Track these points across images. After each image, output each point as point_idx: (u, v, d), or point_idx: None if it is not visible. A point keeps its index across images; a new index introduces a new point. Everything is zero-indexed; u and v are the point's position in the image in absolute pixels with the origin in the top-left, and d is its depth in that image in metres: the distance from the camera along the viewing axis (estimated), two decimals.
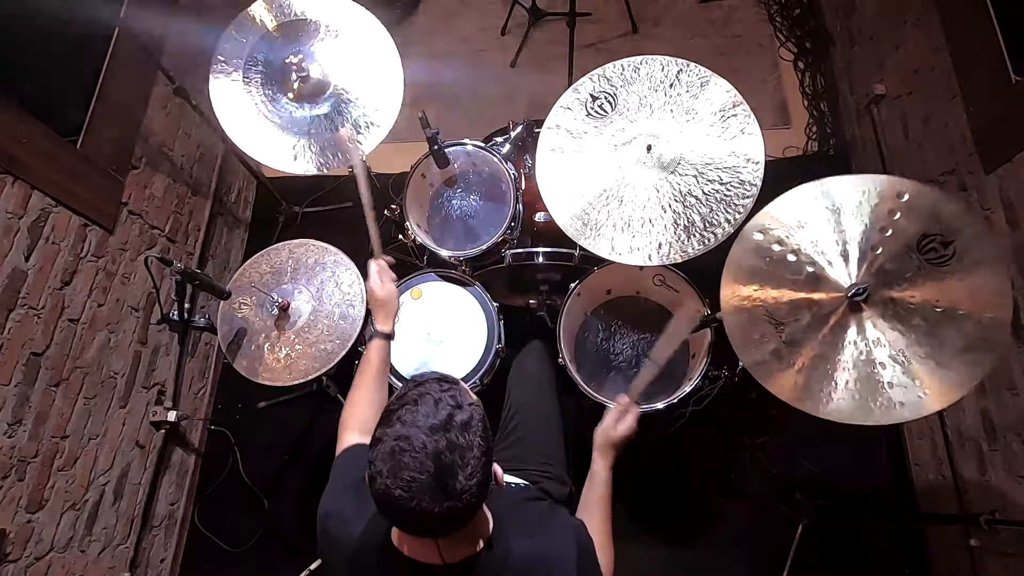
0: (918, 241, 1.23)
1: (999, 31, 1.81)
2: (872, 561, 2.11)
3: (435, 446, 0.82)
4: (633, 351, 1.89)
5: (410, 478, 0.81)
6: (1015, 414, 1.75)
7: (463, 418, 0.85)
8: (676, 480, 2.23)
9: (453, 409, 0.85)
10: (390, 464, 0.82)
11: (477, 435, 0.85)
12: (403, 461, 0.81)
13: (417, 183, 1.95)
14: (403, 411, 0.85)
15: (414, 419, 0.84)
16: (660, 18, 3.12)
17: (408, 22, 3.24)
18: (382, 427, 0.86)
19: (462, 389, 0.90)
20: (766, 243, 1.33)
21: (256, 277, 1.78)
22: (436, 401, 0.85)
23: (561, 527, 1.07)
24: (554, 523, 1.09)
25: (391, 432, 0.84)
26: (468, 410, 0.86)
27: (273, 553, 2.24)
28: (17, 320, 1.64)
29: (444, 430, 0.83)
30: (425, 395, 0.86)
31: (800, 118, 2.88)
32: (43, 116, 1.76)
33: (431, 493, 0.81)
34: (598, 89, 1.60)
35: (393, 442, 0.83)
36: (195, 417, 2.40)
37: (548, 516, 1.10)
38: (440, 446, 0.82)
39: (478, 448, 0.84)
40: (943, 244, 1.21)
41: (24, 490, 1.66)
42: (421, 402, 0.86)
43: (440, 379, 0.90)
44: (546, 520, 1.09)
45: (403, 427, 0.83)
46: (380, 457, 0.83)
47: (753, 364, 1.30)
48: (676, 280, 1.82)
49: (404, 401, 0.87)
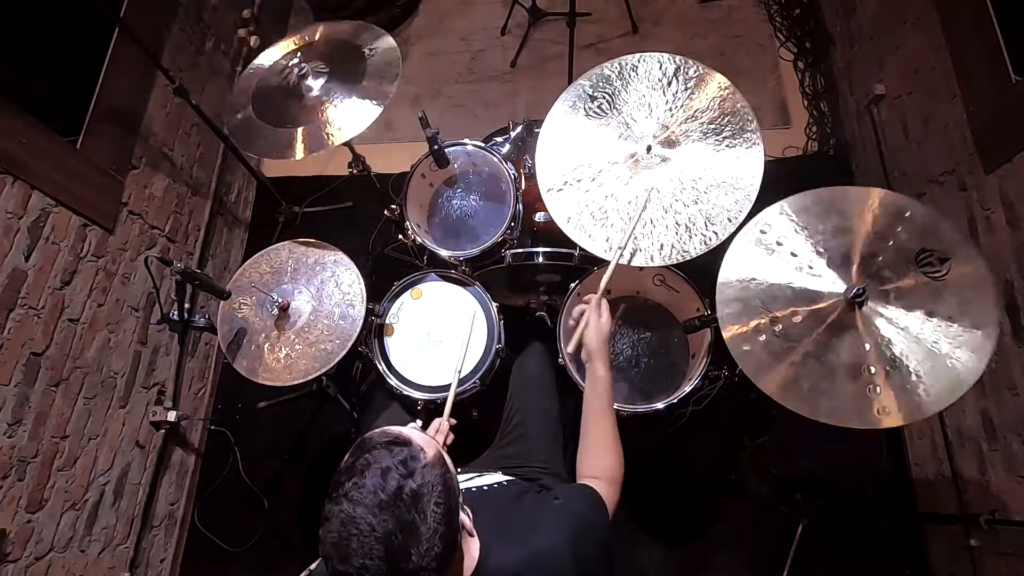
0: (916, 254, 1.29)
1: (999, 31, 1.81)
2: (872, 561, 2.11)
3: (384, 527, 0.77)
4: (633, 351, 1.89)
5: (360, 565, 0.77)
6: (1015, 414, 1.75)
7: (413, 487, 0.80)
8: (676, 480, 2.23)
9: (402, 479, 0.80)
10: (339, 551, 0.78)
11: (431, 503, 0.80)
12: (351, 547, 0.77)
13: (417, 183, 1.95)
14: (349, 485, 0.81)
15: (361, 496, 0.79)
16: (660, 18, 3.12)
17: (408, 22, 3.24)
18: (329, 502, 0.81)
19: (415, 450, 0.85)
20: (768, 239, 1.36)
21: (256, 277, 1.77)
22: (384, 471, 0.81)
23: (551, 518, 1.06)
24: (543, 515, 1.07)
25: (337, 511, 0.80)
26: (420, 475, 0.81)
27: (273, 553, 2.24)
28: (17, 320, 1.64)
29: (392, 507, 0.78)
30: (372, 464, 0.82)
31: (800, 118, 2.88)
32: (43, 116, 1.76)
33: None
34: (598, 89, 1.60)
35: (339, 526, 0.79)
36: (195, 417, 2.40)
37: (537, 510, 1.08)
38: (389, 527, 0.77)
39: (433, 518, 0.80)
40: (940, 260, 1.27)
41: (24, 490, 1.66)
42: (368, 473, 0.81)
43: (390, 442, 0.85)
44: (534, 515, 1.07)
45: (350, 505, 0.79)
46: (329, 540, 0.79)
47: (742, 352, 1.32)
48: (676, 280, 1.82)
49: (351, 472, 0.82)
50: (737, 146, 1.50)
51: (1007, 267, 1.77)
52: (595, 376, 1.29)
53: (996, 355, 1.78)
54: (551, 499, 1.12)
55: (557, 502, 1.09)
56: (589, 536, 1.04)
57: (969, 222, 1.94)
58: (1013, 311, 1.75)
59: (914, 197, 2.22)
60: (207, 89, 2.57)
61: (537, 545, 1.00)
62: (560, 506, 1.08)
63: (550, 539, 1.00)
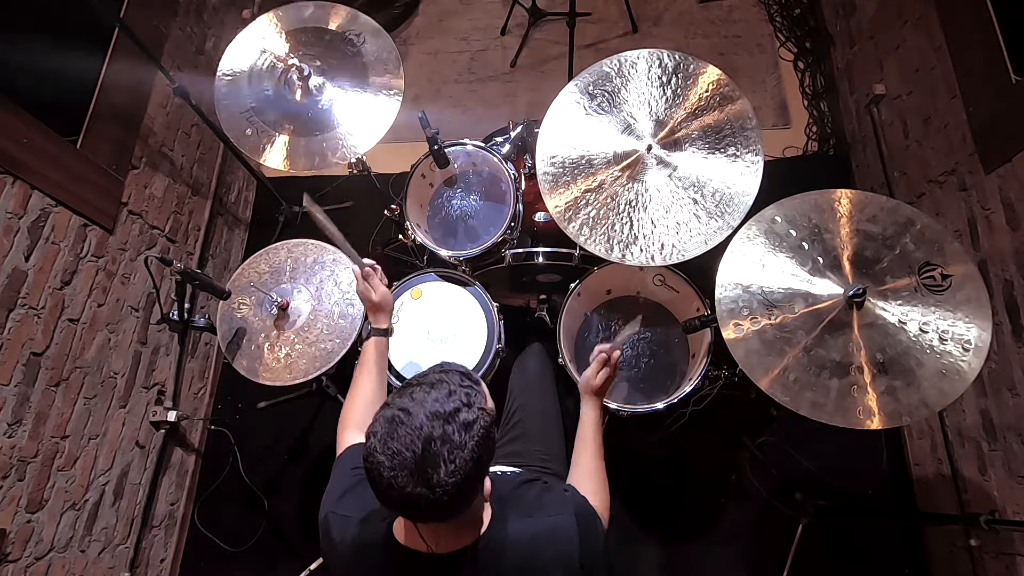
0: (920, 266, 1.32)
1: (999, 31, 1.81)
2: (872, 561, 2.11)
3: (429, 431, 0.83)
4: (633, 351, 1.89)
5: (395, 450, 0.82)
6: (1015, 414, 1.75)
7: (468, 417, 0.85)
8: (676, 480, 2.23)
9: (462, 405, 0.86)
10: (385, 429, 0.84)
11: (475, 439, 0.85)
12: (396, 432, 0.83)
13: (417, 183, 1.95)
14: (417, 388, 0.87)
15: (423, 399, 0.85)
16: (660, 18, 3.13)
17: (408, 22, 3.24)
18: (395, 396, 0.88)
19: (481, 392, 0.91)
20: (779, 230, 1.39)
21: (255, 277, 1.78)
22: (450, 392, 0.87)
23: (558, 499, 1.09)
24: (551, 498, 1.10)
25: (398, 402, 0.86)
26: (475, 412, 0.86)
27: (273, 553, 2.24)
28: (17, 320, 1.64)
29: (445, 420, 0.84)
30: (443, 382, 0.88)
31: (800, 118, 2.88)
32: (43, 116, 1.76)
33: (409, 473, 0.82)
34: (598, 87, 1.61)
35: (396, 411, 0.85)
36: (195, 417, 2.40)
37: (545, 492, 1.11)
38: (434, 433, 0.83)
39: (470, 451, 0.84)
40: (942, 276, 1.31)
41: (24, 490, 1.66)
42: (437, 386, 0.87)
43: (464, 374, 0.92)
44: (544, 496, 1.10)
45: (411, 402, 0.85)
46: (380, 420, 0.86)
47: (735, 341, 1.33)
48: (676, 280, 1.82)
49: (423, 380, 0.89)
50: (736, 145, 1.51)
51: (1007, 267, 1.77)
52: (586, 414, 1.31)
53: (996, 355, 1.79)
54: (559, 487, 1.14)
55: (565, 494, 1.11)
56: (592, 532, 1.06)
57: (969, 222, 1.94)
58: (1013, 311, 1.75)
59: (914, 197, 2.24)
60: (207, 89, 2.56)
61: (547, 520, 1.03)
62: (569, 497, 1.10)
63: (560, 518, 1.03)
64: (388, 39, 1.82)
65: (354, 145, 1.76)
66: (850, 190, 1.40)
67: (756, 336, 1.32)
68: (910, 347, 1.28)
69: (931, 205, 2.14)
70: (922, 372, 1.27)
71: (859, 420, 1.26)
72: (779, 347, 1.31)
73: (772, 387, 1.29)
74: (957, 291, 1.29)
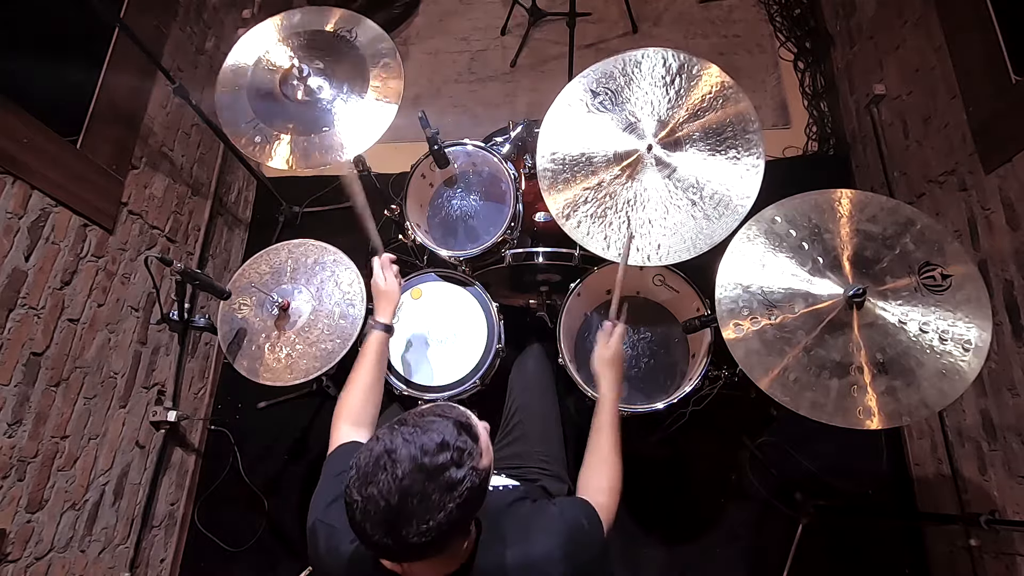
0: (920, 266, 1.32)
1: (999, 31, 1.81)
2: (872, 561, 2.11)
3: (409, 484, 0.79)
4: (633, 351, 1.89)
5: (370, 495, 0.80)
6: (1015, 414, 1.75)
7: (454, 477, 0.81)
8: (676, 480, 2.23)
9: (450, 463, 0.81)
10: (367, 468, 0.81)
11: (456, 500, 0.81)
12: (377, 476, 0.80)
13: (417, 183, 1.95)
14: (412, 428, 0.83)
15: (413, 443, 0.81)
16: (660, 18, 3.13)
17: (408, 22, 3.24)
18: (388, 429, 0.85)
19: (477, 449, 0.85)
20: (779, 230, 1.39)
21: (256, 277, 1.77)
22: (442, 444, 0.82)
23: (547, 523, 1.05)
24: (538, 522, 1.06)
25: (387, 439, 0.83)
26: (464, 471, 0.82)
27: (273, 553, 2.24)
28: (17, 320, 1.64)
29: (428, 476, 0.80)
30: (439, 430, 0.83)
31: (800, 118, 2.88)
32: (43, 116, 1.76)
33: (379, 522, 0.80)
34: (599, 85, 1.60)
35: (383, 450, 0.82)
36: (195, 417, 2.40)
37: (533, 516, 1.08)
38: (414, 488, 0.79)
39: (447, 513, 0.80)
40: (942, 276, 1.30)
41: (24, 490, 1.66)
42: (430, 433, 0.83)
43: (464, 425, 0.86)
44: (532, 520, 1.07)
45: (401, 443, 0.82)
46: (366, 454, 0.83)
47: (735, 341, 1.33)
48: (676, 280, 1.82)
49: (419, 421, 0.85)
50: (737, 148, 1.50)
51: (1007, 267, 1.77)
52: (603, 395, 1.32)
53: (996, 355, 1.79)
54: (548, 507, 1.12)
55: (554, 509, 1.09)
56: (584, 547, 1.04)
57: (969, 222, 1.94)
58: (1013, 311, 1.75)
59: (914, 197, 2.24)
60: (207, 89, 2.56)
61: (530, 551, 1.00)
62: (557, 515, 1.07)
63: (543, 546, 1.00)
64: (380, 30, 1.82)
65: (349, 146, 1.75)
66: (850, 190, 1.40)
67: (756, 336, 1.32)
68: (910, 347, 1.28)
69: (931, 205, 2.14)
70: (922, 372, 1.27)
71: (859, 420, 1.26)
72: (779, 347, 1.31)
73: (772, 387, 1.29)
74: (957, 291, 1.29)
